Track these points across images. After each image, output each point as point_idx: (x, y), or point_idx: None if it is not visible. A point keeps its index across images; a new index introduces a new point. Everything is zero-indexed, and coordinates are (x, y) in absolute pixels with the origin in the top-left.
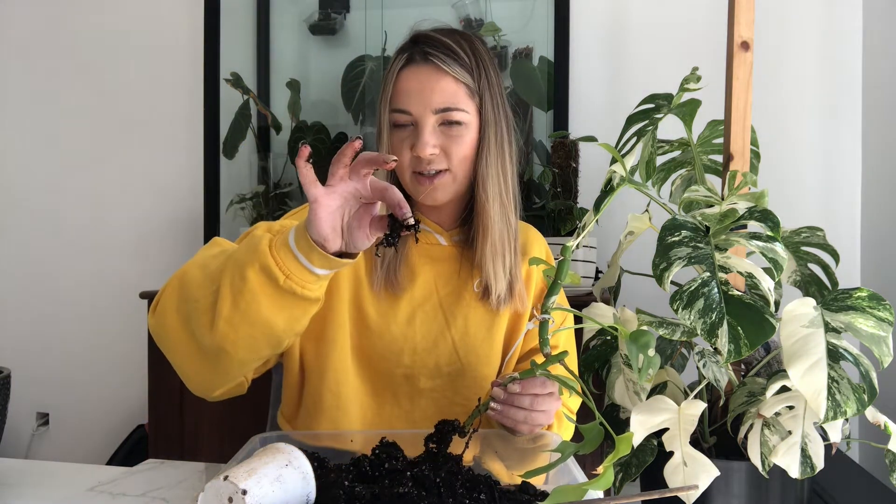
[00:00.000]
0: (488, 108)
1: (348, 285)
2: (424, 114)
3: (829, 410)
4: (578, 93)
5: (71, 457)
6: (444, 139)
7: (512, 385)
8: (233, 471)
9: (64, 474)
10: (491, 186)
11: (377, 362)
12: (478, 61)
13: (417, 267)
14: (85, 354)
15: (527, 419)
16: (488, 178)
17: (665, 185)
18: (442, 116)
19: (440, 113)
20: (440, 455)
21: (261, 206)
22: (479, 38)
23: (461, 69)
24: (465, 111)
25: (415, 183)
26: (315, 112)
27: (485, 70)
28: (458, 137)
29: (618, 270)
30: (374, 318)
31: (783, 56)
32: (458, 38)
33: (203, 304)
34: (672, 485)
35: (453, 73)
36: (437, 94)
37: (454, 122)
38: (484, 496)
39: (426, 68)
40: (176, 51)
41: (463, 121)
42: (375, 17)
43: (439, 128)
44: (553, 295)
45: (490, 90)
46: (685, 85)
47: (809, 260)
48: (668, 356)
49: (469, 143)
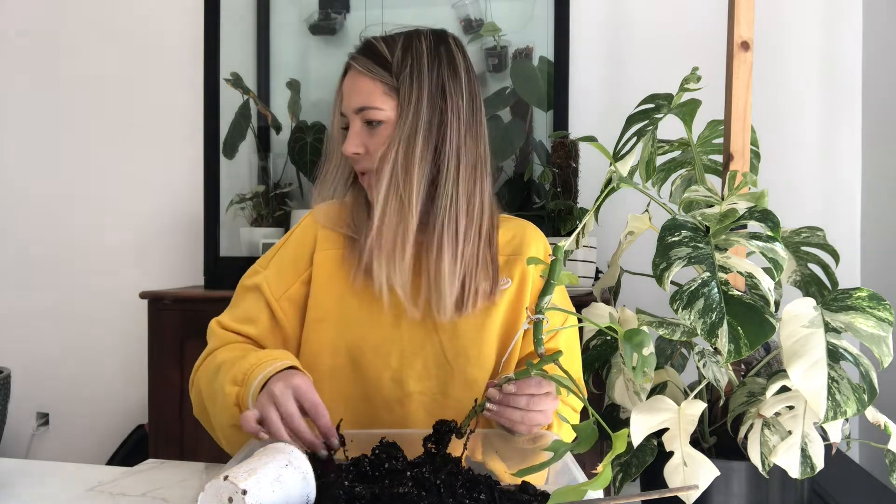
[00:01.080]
0: (404, 104)
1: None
2: (350, 115)
3: (829, 410)
4: (578, 93)
5: (71, 457)
6: (366, 138)
7: (507, 385)
8: (233, 471)
9: (64, 474)
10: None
11: (367, 368)
12: (407, 58)
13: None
14: (85, 354)
15: (524, 419)
16: (383, 169)
17: (665, 185)
18: (362, 116)
19: (359, 113)
20: (439, 456)
21: (261, 206)
22: (437, 35)
23: (378, 67)
24: (382, 109)
25: (362, 181)
26: (315, 112)
27: (414, 65)
28: (377, 136)
29: (618, 270)
30: (361, 323)
31: (783, 56)
32: (397, 38)
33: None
34: (672, 485)
35: (369, 73)
36: (356, 94)
37: (372, 120)
38: (484, 496)
39: (351, 72)
40: (176, 51)
41: (381, 119)
42: (375, 17)
43: (365, 127)
44: (546, 295)
45: (415, 84)
46: (685, 85)
47: (809, 260)
48: (668, 356)
49: (388, 140)
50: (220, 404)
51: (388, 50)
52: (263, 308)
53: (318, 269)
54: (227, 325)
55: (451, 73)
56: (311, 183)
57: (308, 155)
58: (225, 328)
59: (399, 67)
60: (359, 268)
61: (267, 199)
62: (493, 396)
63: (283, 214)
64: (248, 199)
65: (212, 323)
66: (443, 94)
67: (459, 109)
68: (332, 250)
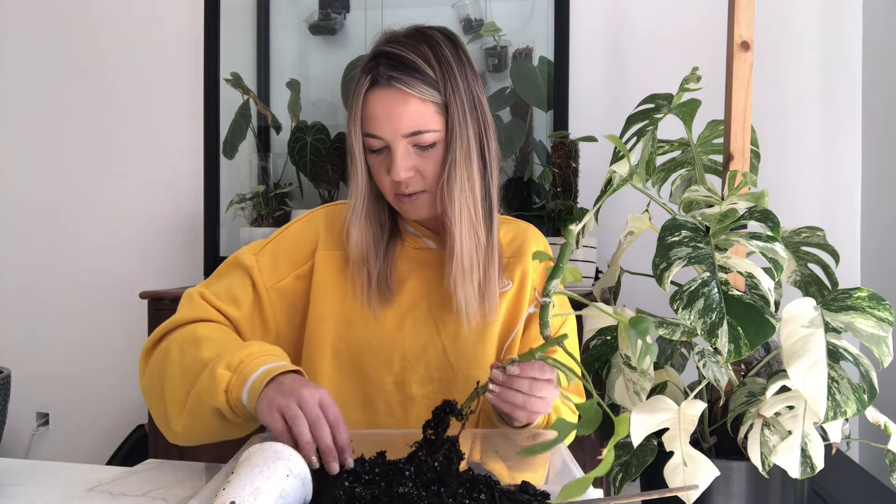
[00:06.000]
0: (455, 121)
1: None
2: (395, 138)
3: (829, 410)
4: (578, 93)
5: (71, 457)
6: (417, 160)
7: (511, 367)
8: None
9: (64, 474)
10: (457, 205)
11: (369, 371)
12: (444, 70)
13: (406, 272)
14: (85, 354)
15: (525, 404)
16: (453, 195)
17: (665, 185)
18: (412, 140)
19: (410, 137)
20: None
21: (261, 205)
22: (446, 36)
23: (426, 87)
24: (435, 130)
25: (398, 203)
26: (315, 112)
27: (451, 78)
28: (430, 157)
29: (618, 270)
30: (364, 326)
31: (783, 56)
32: (423, 47)
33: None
34: (672, 485)
35: (419, 95)
36: (405, 119)
37: (426, 144)
38: (484, 496)
39: (391, 92)
40: (176, 51)
41: (435, 140)
42: (375, 17)
43: (412, 149)
44: (554, 278)
45: (458, 98)
46: (685, 85)
47: (809, 260)
48: (668, 356)
49: (442, 160)
50: (205, 384)
51: (426, 63)
52: (249, 291)
53: (321, 267)
54: (209, 298)
55: (473, 75)
56: (311, 183)
57: (308, 155)
58: (205, 300)
59: (443, 82)
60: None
61: (267, 199)
62: (497, 378)
63: (282, 214)
64: (248, 199)
65: (191, 290)
66: (477, 100)
67: (486, 111)
68: (338, 251)
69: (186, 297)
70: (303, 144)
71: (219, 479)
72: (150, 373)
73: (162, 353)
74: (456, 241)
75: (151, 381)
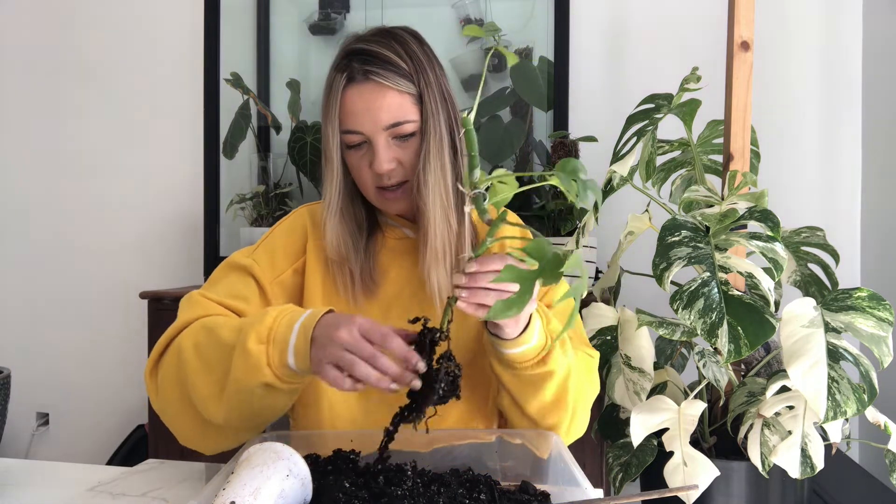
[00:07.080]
0: (429, 111)
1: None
2: (375, 131)
3: (829, 410)
4: (578, 93)
5: (71, 457)
6: (398, 151)
7: (469, 264)
8: (236, 491)
9: (64, 474)
10: (431, 192)
11: None
12: (415, 64)
13: (387, 263)
14: (85, 354)
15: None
16: (429, 183)
17: (665, 185)
18: (392, 131)
19: (390, 129)
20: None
21: (261, 206)
22: (411, 34)
23: (402, 79)
24: (413, 120)
25: (380, 198)
26: (315, 112)
27: (423, 71)
28: (409, 148)
29: (618, 270)
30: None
31: (783, 56)
32: (393, 43)
33: (203, 392)
34: (672, 485)
35: (396, 87)
36: (385, 111)
37: (405, 134)
38: (484, 496)
39: (369, 86)
40: (176, 51)
41: (413, 130)
42: (375, 17)
43: (392, 141)
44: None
45: (430, 89)
46: (685, 85)
47: (809, 260)
48: (668, 356)
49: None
50: (241, 365)
51: (399, 57)
52: (253, 287)
53: (312, 257)
54: (214, 298)
55: (440, 69)
56: (311, 183)
57: (308, 155)
58: (209, 300)
59: (416, 75)
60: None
61: (267, 198)
62: (460, 281)
63: (282, 214)
64: (248, 198)
65: (192, 293)
66: (446, 92)
67: (455, 102)
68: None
69: (186, 300)
70: (303, 144)
71: (219, 479)
72: (164, 386)
73: (173, 362)
74: (430, 228)
75: (168, 394)
